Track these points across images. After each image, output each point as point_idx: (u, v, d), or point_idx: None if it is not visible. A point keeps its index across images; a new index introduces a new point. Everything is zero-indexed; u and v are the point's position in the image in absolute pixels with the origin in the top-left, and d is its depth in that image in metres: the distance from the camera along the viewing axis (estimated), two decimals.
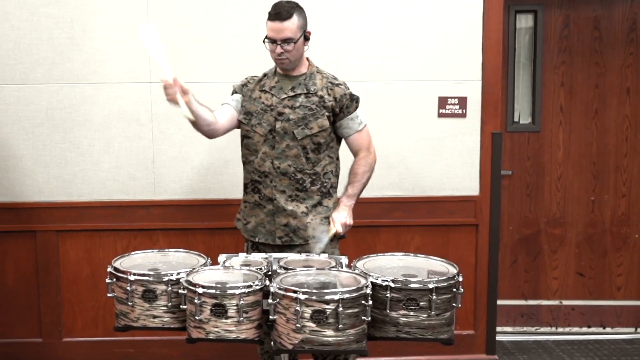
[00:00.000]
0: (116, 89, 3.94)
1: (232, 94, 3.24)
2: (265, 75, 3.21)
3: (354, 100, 3.16)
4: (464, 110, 4.03)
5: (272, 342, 2.47)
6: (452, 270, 2.61)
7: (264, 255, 2.87)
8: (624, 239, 4.64)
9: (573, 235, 4.63)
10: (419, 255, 2.87)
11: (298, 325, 2.32)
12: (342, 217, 3.07)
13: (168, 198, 4.03)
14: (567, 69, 4.51)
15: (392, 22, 3.96)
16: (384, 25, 3.98)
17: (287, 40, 2.98)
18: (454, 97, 4.02)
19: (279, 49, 2.99)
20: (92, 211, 3.99)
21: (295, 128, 3.08)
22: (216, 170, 4.01)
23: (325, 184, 3.16)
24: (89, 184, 3.95)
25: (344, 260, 2.81)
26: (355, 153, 3.21)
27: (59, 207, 3.93)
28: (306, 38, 3.07)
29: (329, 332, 2.33)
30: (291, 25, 2.98)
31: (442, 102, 3.98)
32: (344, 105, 3.13)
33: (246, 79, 3.24)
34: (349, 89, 3.16)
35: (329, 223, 3.17)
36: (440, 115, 3.99)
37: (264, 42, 3.04)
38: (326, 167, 3.15)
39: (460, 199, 4.07)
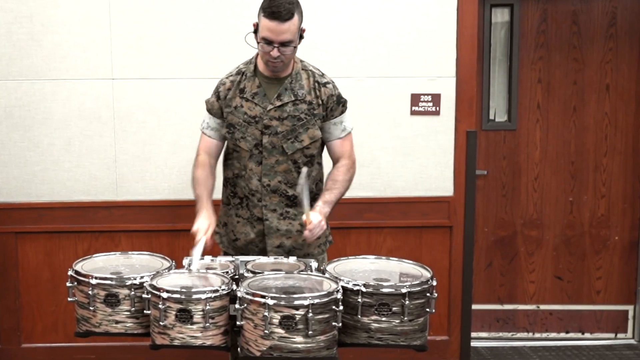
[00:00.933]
0: (77, 86, 3.92)
1: (209, 111, 2.98)
2: (242, 74, 2.93)
3: (340, 103, 2.95)
4: (437, 108, 4.01)
5: (239, 349, 2.44)
6: (426, 274, 2.60)
7: (230, 258, 2.81)
8: (603, 241, 4.60)
9: (550, 237, 4.60)
10: (391, 258, 2.86)
11: (266, 331, 2.31)
12: (316, 218, 2.81)
13: (130, 198, 4.00)
14: (545, 64, 4.48)
15: (363, 16, 3.94)
16: (355, 20, 3.94)
17: (286, 43, 2.71)
18: (427, 94, 3.99)
19: (275, 52, 2.71)
20: (52, 212, 3.96)
21: (284, 142, 2.87)
22: (180, 170, 3.95)
23: (316, 195, 2.99)
24: (48, 184, 3.92)
25: (314, 263, 2.77)
26: (334, 160, 3.02)
27: (18, 207, 3.90)
28: (301, 37, 2.81)
29: (299, 339, 2.33)
30: (292, 27, 2.70)
31: (415, 99, 3.96)
32: (328, 108, 2.93)
33: (219, 87, 2.96)
34: (337, 89, 2.96)
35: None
36: (412, 112, 3.96)
37: (257, 40, 2.77)
38: (316, 176, 3.02)
39: (434, 200, 4.05)
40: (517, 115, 4.49)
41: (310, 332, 2.31)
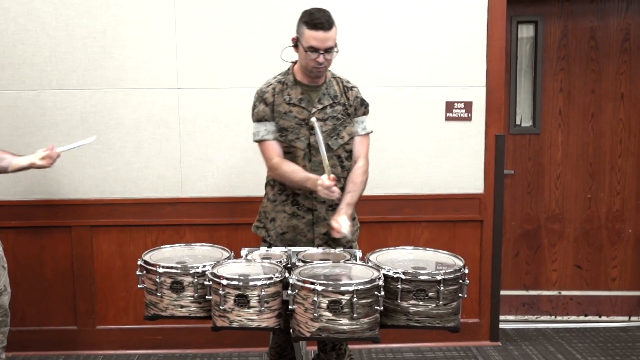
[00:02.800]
0: (146, 94, 3.99)
1: (261, 120, 3.04)
2: (283, 83, 3.04)
3: (363, 105, 3.10)
4: (469, 114, 4.08)
5: (291, 330, 2.48)
6: (459, 262, 2.64)
7: (283, 249, 2.87)
8: (618, 233, 4.67)
9: (571, 230, 4.66)
10: (427, 249, 2.91)
11: (315, 314, 2.34)
12: (345, 222, 2.88)
13: (194, 196, 4.07)
14: (566, 75, 4.52)
15: (403, 31, 4.00)
16: (395, 35, 4.01)
17: (329, 50, 2.88)
18: (460, 102, 4.06)
19: (321, 58, 2.87)
20: (123, 208, 4.04)
21: (329, 140, 3.00)
22: (239, 170, 4.05)
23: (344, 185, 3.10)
24: (120, 183, 4.01)
25: (358, 253, 2.83)
26: (353, 157, 3.10)
27: (93, 204, 3.99)
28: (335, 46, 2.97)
29: (344, 321, 2.35)
30: (333, 34, 2.89)
31: (449, 106, 4.03)
32: (353, 107, 3.07)
33: (263, 95, 3.04)
34: (360, 93, 3.12)
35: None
36: (447, 118, 4.04)
37: (296, 51, 2.95)
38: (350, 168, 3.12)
39: (466, 197, 4.10)
40: (541, 121, 4.55)
41: (354, 315, 2.34)
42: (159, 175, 4.02)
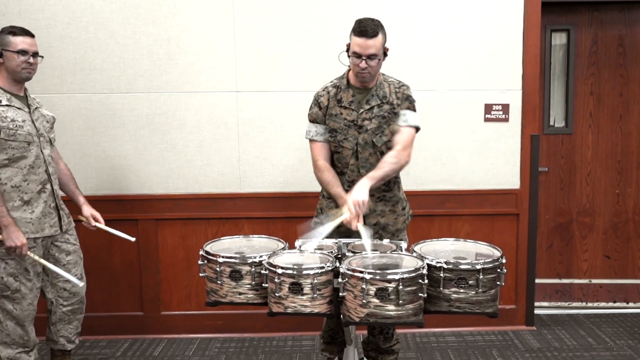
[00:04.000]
0: (207, 97, 4.08)
1: (313, 121, 3.16)
2: (337, 87, 3.12)
3: (407, 99, 3.10)
4: (506, 116, 4.14)
5: (341, 316, 2.49)
6: (497, 253, 2.65)
7: (334, 240, 2.90)
8: None
9: (600, 223, 4.69)
10: (468, 240, 2.92)
11: (364, 301, 2.37)
12: (356, 195, 2.84)
13: (251, 191, 4.16)
14: (596, 80, 4.54)
15: (445, 39, 4.08)
16: (438, 43, 4.08)
17: (371, 56, 2.93)
18: (498, 104, 4.12)
19: (363, 64, 2.93)
20: (186, 202, 4.14)
21: (374, 137, 3.07)
22: (293, 167, 4.14)
23: (397, 178, 3.22)
24: (183, 179, 4.12)
25: (404, 244, 2.86)
26: (392, 146, 3.10)
27: (158, 199, 4.11)
28: (385, 54, 3.02)
29: (391, 307, 2.38)
30: (377, 43, 2.92)
31: (488, 108, 4.11)
32: (399, 100, 3.10)
33: (318, 99, 3.14)
34: (409, 90, 3.14)
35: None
36: (486, 119, 4.12)
37: (349, 56, 2.99)
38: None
39: (503, 192, 4.17)
40: (572, 122, 4.58)
41: (400, 302, 2.37)
42: (219, 172, 4.12)
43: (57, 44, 4.06)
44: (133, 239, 3.42)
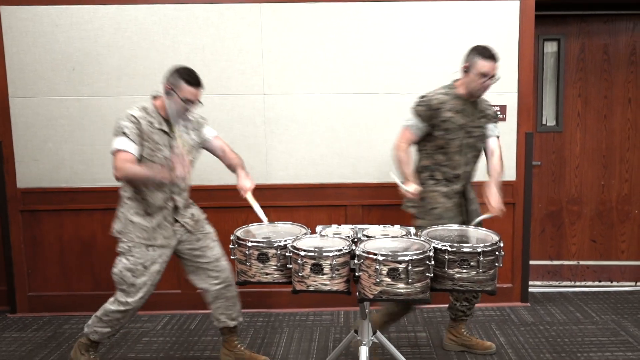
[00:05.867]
0: (237, 99, 4.27)
1: (417, 117, 3.32)
2: (448, 95, 3.32)
3: (495, 116, 3.46)
4: (504, 115, 4.28)
5: (357, 293, 2.59)
6: (495, 238, 2.74)
7: (350, 226, 3.03)
8: (626, 214, 4.88)
9: (587, 211, 4.85)
10: (469, 226, 3.06)
11: (377, 280, 2.46)
12: (498, 202, 3.19)
13: (277, 182, 4.33)
14: (583, 84, 4.70)
15: (451, 48, 4.24)
16: (441, 50, 4.25)
17: (493, 76, 3.25)
18: (496, 105, 4.22)
19: (487, 82, 3.23)
20: (219, 192, 4.31)
21: (478, 142, 3.37)
22: (314, 162, 4.33)
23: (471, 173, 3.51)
24: (216, 172, 4.22)
25: (412, 230, 2.97)
26: (489, 152, 3.41)
27: (195, 189, 3.78)
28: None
29: (401, 285, 2.47)
30: (498, 65, 3.28)
31: None
32: (491, 116, 3.41)
33: (429, 102, 3.29)
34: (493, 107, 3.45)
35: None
36: None
37: (476, 75, 3.23)
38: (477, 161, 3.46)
39: (502, 184, 3.90)
40: (562, 121, 4.74)
41: (410, 280, 2.45)
42: (248, 166, 3.71)
43: (104, 52, 4.29)
44: (266, 220, 3.20)
